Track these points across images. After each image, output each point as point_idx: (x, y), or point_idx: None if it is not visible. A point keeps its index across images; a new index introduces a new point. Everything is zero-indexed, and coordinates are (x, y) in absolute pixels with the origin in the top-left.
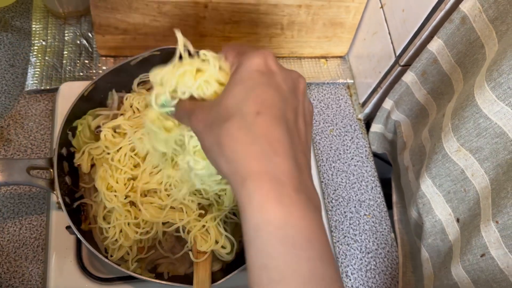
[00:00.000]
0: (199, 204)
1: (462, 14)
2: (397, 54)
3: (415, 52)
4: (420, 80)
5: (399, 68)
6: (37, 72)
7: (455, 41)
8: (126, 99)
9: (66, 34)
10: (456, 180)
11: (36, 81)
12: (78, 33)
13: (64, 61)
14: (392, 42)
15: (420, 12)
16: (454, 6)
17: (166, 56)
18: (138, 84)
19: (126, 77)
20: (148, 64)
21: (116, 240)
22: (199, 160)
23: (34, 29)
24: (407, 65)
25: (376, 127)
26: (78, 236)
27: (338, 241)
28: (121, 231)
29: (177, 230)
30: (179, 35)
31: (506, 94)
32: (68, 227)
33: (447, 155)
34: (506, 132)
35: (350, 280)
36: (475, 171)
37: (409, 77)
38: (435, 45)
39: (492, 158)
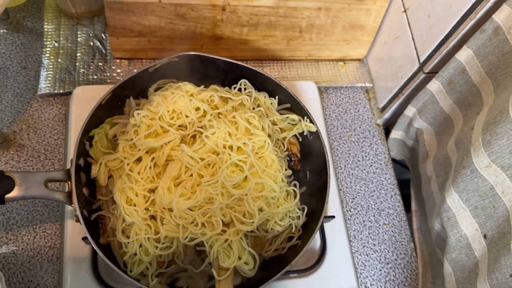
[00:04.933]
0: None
1: (495, 25)
2: (421, 61)
3: (441, 60)
4: (446, 90)
5: (423, 75)
6: (50, 75)
7: (486, 52)
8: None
9: (79, 35)
10: (485, 196)
11: (49, 85)
12: (91, 34)
13: (77, 63)
14: (415, 48)
15: (447, 19)
16: (487, 16)
17: (185, 63)
18: (156, 90)
19: (144, 84)
20: (167, 70)
21: (135, 254)
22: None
23: (46, 29)
24: (432, 72)
25: (396, 133)
26: (98, 252)
27: (357, 251)
28: (140, 245)
29: (198, 244)
30: None
31: None
32: (84, 238)
33: (476, 170)
34: None
35: None
36: (506, 188)
37: (434, 85)
38: (464, 55)
39: None
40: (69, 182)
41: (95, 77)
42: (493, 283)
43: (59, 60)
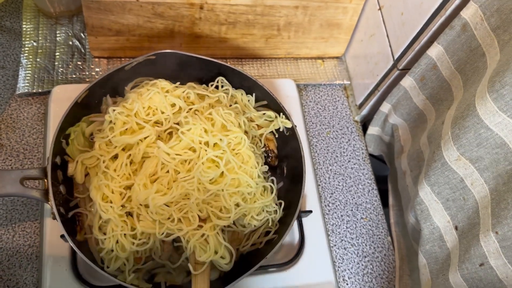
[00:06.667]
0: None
1: (463, 21)
2: (395, 57)
3: (414, 56)
4: (418, 85)
5: (398, 72)
6: (29, 74)
7: (455, 48)
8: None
9: (57, 35)
10: (455, 188)
11: (28, 84)
12: (70, 34)
13: (56, 63)
14: (390, 45)
15: (419, 16)
16: (455, 13)
17: (161, 61)
18: (132, 88)
19: (120, 82)
20: (143, 68)
21: (112, 250)
22: None
23: (24, 29)
24: (406, 69)
25: (373, 129)
26: (75, 248)
27: (335, 245)
28: (117, 242)
29: (175, 239)
30: None
31: (508, 106)
32: (62, 236)
33: (447, 164)
34: (507, 143)
35: (347, 284)
36: (475, 180)
37: (407, 81)
38: (435, 51)
39: (492, 168)
40: (45, 180)
41: (74, 76)
42: (463, 273)
43: (38, 59)
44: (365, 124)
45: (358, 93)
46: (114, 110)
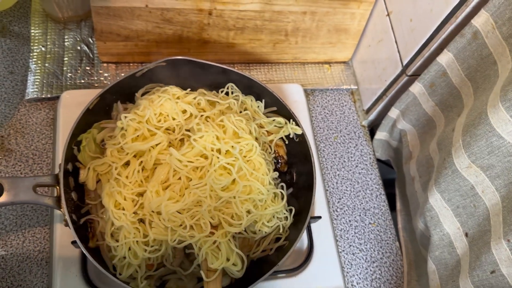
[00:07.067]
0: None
1: (474, 29)
2: (404, 63)
3: (423, 63)
4: (428, 92)
5: (406, 77)
6: (37, 80)
7: (466, 56)
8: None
9: (66, 40)
10: (466, 195)
11: (37, 89)
12: (78, 39)
13: (65, 68)
14: (398, 51)
15: (429, 23)
16: (466, 21)
17: (172, 67)
18: (143, 94)
19: (131, 88)
20: (154, 74)
21: (124, 257)
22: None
23: (33, 34)
24: (415, 75)
25: (380, 134)
26: (88, 256)
27: (343, 250)
28: (129, 249)
29: (187, 246)
30: None
31: None
32: (73, 242)
33: (457, 171)
34: None
35: None
36: (486, 188)
37: (416, 88)
38: (445, 58)
39: (503, 176)
40: (57, 187)
41: (83, 81)
42: (474, 280)
43: (46, 64)
44: (372, 129)
45: (365, 98)
46: (126, 117)
